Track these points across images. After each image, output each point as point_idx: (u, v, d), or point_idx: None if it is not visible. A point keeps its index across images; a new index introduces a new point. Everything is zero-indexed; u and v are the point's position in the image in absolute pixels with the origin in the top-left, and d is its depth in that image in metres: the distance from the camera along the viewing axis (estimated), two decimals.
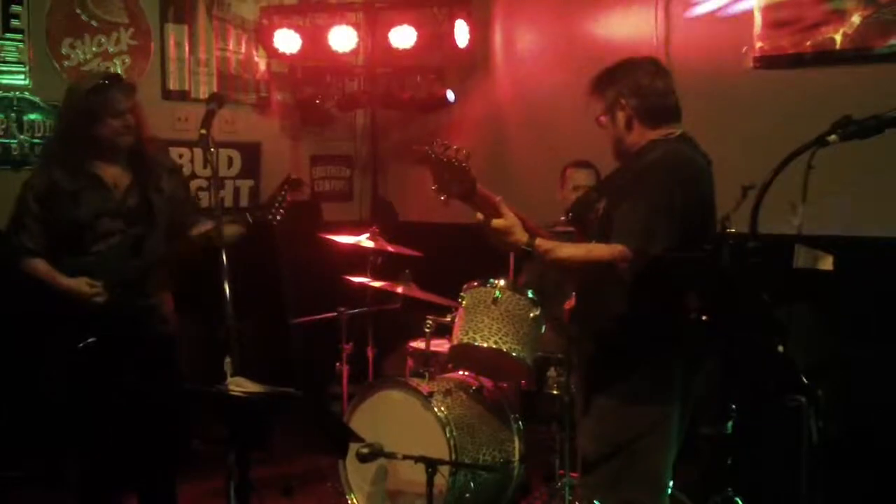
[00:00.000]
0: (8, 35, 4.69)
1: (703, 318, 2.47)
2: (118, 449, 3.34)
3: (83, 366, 3.32)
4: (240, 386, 2.49)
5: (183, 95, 5.42)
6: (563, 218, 2.99)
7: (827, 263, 2.29)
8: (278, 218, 3.49)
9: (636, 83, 2.76)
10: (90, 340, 3.32)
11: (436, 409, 3.80)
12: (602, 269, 2.62)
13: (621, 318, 2.67)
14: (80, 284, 3.37)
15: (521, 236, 2.61)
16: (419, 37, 5.61)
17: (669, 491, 2.84)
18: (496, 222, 2.61)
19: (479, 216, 2.64)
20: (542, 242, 2.62)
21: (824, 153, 2.18)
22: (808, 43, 4.43)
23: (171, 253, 3.53)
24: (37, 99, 4.79)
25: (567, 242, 2.72)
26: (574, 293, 2.94)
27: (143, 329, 3.48)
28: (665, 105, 2.78)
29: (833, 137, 2.20)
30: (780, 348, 2.37)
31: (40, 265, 3.41)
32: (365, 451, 3.41)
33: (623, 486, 2.68)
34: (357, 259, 4.57)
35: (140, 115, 3.51)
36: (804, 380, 2.56)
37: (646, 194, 2.59)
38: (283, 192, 3.50)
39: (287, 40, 5.68)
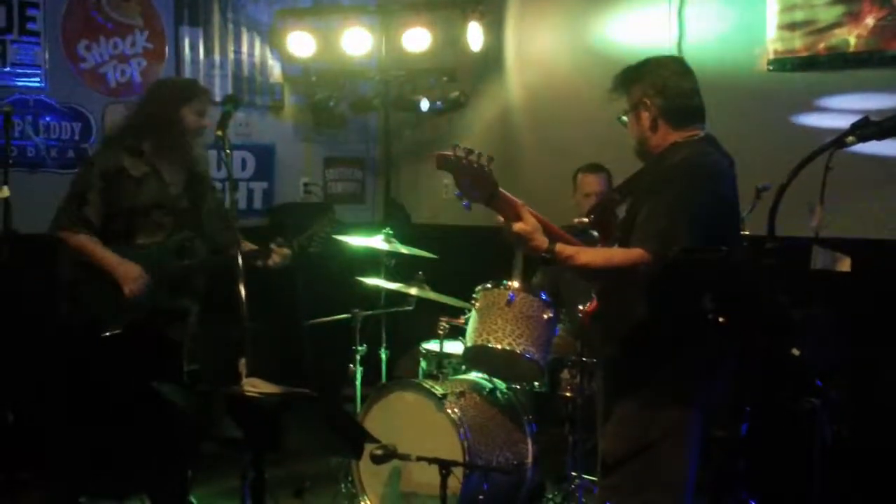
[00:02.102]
0: (24, 38, 4.72)
1: (720, 319, 2.44)
2: (125, 450, 3.37)
3: (104, 358, 3.35)
4: (255, 387, 2.49)
5: None
6: (579, 220, 2.94)
7: (845, 265, 2.28)
8: (319, 247, 3.79)
9: (662, 82, 2.72)
10: (116, 331, 3.35)
11: (449, 411, 3.80)
12: (622, 274, 2.61)
13: (642, 322, 2.64)
14: (133, 268, 3.40)
15: (542, 242, 2.57)
16: (432, 40, 5.63)
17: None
18: (517, 226, 2.58)
19: (500, 220, 2.62)
20: (562, 248, 2.59)
21: (844, 156, 2.16)
22: (822, 45, 4.41)
23: (217, 262, 3.57)
24: (53, 101, 4.82)
25: (587, 248, 2.69)
26: (595, 296, 2.92)
27: (173, 330, 3.52)
28: (690, 106, 2.74)
29: (851, 139, 2.19)
30: (796, 351, 2.36)
31: (97, 244, 3.43)
32: (379, 452, 3.41)
33: (643, 489, 2.66)
34: (370, 261, 4.57)
35: None
36: (818, 382, 2.55)
37: (667, 198, 2.56)
38: (325, 227, 3.77)
39: (301, 43, 5.70)
